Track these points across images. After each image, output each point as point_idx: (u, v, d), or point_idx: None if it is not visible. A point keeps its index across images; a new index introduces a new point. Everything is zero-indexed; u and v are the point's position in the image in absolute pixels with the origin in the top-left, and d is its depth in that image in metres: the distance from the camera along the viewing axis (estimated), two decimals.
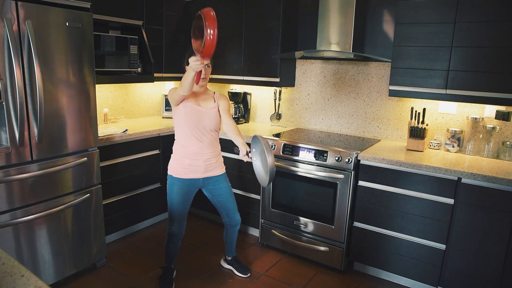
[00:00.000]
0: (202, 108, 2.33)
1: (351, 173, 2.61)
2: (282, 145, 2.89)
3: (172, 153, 2.44)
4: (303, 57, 3.32)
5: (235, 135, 2.29)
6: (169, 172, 2.44)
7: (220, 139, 2.52)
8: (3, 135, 2.09)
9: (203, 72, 2.21)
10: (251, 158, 2.21)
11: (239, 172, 3.20)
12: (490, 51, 2.33)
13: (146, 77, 3.38)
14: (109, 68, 3.05)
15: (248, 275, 2.69)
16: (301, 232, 2.91)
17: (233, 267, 2.76)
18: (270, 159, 2.01)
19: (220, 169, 2.47)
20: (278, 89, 3.56)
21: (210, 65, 2.34)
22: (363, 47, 3.08)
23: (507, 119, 2.48)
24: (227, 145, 2.88)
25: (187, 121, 2.30)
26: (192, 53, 2.20)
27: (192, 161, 2.35)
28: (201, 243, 3.16)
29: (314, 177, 2.76)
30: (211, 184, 2.45)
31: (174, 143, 2.43)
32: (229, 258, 2.78)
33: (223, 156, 2.56)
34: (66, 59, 2.30)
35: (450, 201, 2.33)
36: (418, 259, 2.49)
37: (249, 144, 2.26)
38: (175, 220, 2.46)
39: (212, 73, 3.66)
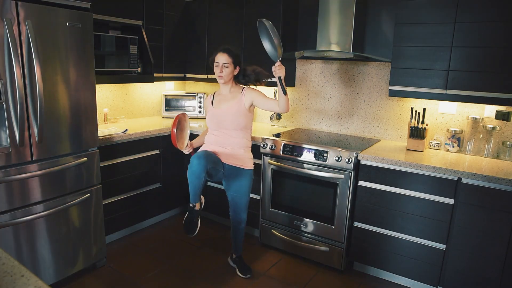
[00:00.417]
0: (222, 110, 2.50)
1: (351, 173, 2.61)
2: (282, 145, 2.89)
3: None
4: (303, 57, 3.32)
5: (278, 100, 2.37)
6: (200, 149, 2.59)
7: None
8: (3, 135, 2.09)
9: (219, 70, 2.43)
10: (277, 63, 2.27)
11: None
12: (490, 51, 2.33)
13: (146, 77, 3.38)
14: (109, 68, 3.05)
15: (248, 276, 2.69)
16: (301, 232, 2.91)
17: (236, 266, 2.77)
18: (276, 39, 2.25)
19: (243, 162, 2.53)
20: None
21: (228, 64, 2.42)
22: (363, 47, 3.08)
23: (507, 119, 2.48)
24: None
25: (210, 124, 2.57)
26: (211, 55, 2.51)
27: (216, 146, 2.52)
28: (201, 243, 3.16)
29: (314, 177, 2.76)
30: (232, 176, 2.54)
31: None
32: (234, 256, 2.80)
33: None
34: (66, 59, 2.30)
35: (450, 201, 2.33)
36: (418, 259, 2.49)
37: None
38: (194, 157, 2.32)
39: (212, 73, 3.66)
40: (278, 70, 2.24)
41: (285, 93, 2.24)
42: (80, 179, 2.50)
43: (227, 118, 2.49)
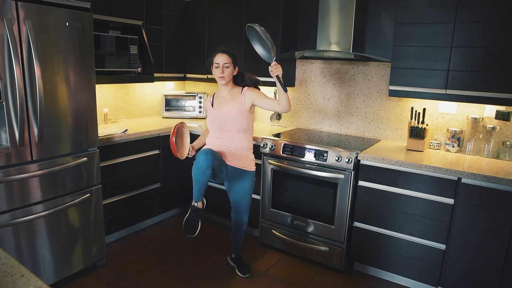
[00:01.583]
0: (223, 111, 2.48)
1: (351, 173, 2.61)
2: (282, 145, 2.89)
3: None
4: (303, 57, 3.32)
5: (279, 99, 2.36)
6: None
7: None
8: (3, 135, 2.09)
9: (220, 71, 2.41)
10: (273, 62, 2.28)
11: None
12: (490, 51, 2.33)
13: (146, 77, 3.38)
14: (109, 68, 3.05)
15: (247, 275, 2.69)
16: (301, 232, 2.91)
17: (235, 265, 2.77)
18: (268, 41, 2.27)
19: (246, 164, 2.53)
20: None
21: (228, 64, 2.41)
22: (363, 47, 3.08)
23: (507, 119, 2.48)
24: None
25: (211, 126, 2.55)
26: (210, 56, 2.49)
27: (219, 147, 2.49)
28: (201, 243, 3.16)
29: (314, 177, 2.76)
30: (234, 178, 2.53)
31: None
32: (233, 256, 2.82)
33: None
34: (66, 59, 2.30)
35: (450, 201, 2.33)
36: (418, 259, 2.49)
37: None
38: (201, 155, 2.29)
39: (212, 73, 3.66)
40: (275, 70, 2.25)
41: (285, 90, 2.25)
42: (80, 179, 2.50)
43: (228, 120, 2.47)
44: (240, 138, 2.51)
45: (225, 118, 2.47)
